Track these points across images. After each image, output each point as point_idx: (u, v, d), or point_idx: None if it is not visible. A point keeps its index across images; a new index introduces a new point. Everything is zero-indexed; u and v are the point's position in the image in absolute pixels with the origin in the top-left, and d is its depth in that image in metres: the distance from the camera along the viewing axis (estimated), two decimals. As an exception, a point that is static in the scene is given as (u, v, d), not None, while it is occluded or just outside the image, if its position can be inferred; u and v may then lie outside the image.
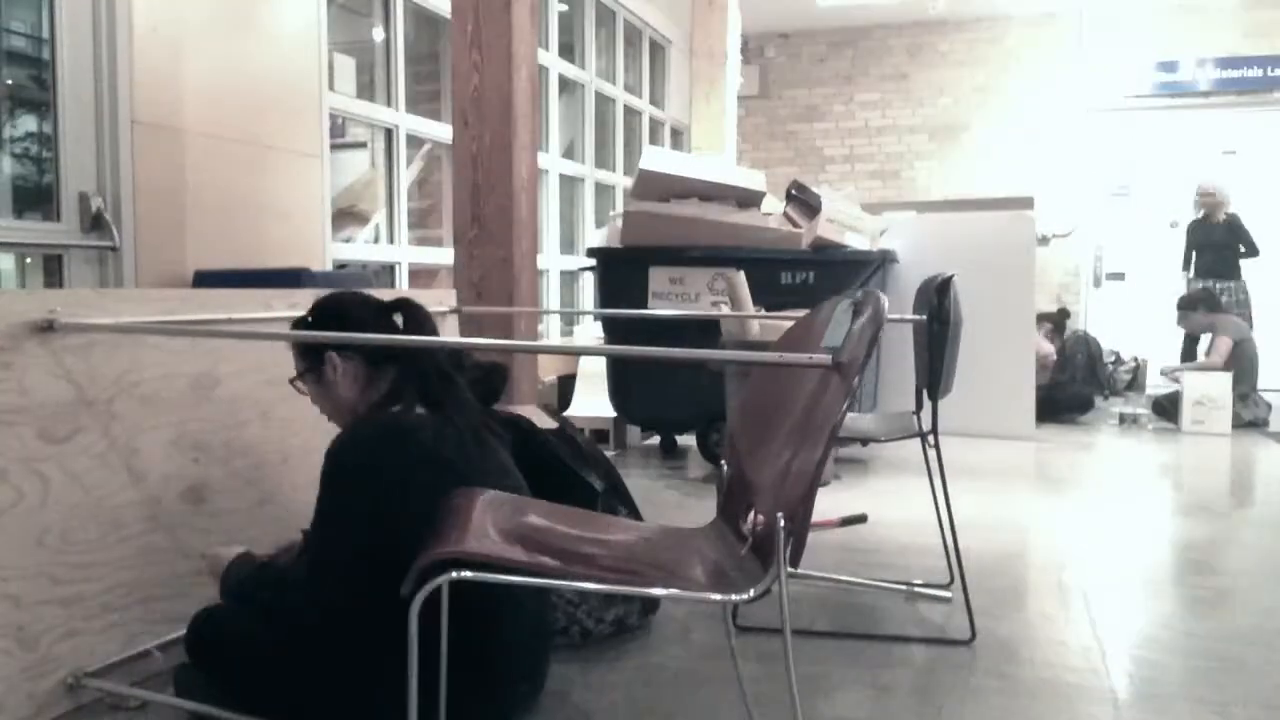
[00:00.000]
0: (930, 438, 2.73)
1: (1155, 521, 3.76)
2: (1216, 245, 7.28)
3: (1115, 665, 2.34)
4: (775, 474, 1.58)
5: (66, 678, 2.01)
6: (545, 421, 2.65)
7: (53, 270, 3.35)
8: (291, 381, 2.06)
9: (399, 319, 2.05)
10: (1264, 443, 5.65)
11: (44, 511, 1.98)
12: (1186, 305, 6.70)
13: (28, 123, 3.59)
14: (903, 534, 3.52)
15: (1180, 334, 7.18)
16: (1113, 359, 7.57)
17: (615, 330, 4.88)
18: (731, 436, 1.98)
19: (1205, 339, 6.75)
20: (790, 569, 1.42)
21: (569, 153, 7.20)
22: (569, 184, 7.26)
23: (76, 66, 3.30)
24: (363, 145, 5.42)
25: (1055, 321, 7.16)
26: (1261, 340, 6.55)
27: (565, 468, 2.51)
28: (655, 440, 5.53)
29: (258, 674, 1.90)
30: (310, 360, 2.02)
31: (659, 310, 4.64)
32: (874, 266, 4.90)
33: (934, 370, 2.70)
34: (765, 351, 3.69)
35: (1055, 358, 6.71)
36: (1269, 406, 6.24)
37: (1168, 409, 6.23)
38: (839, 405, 1.45)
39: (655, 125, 8.68)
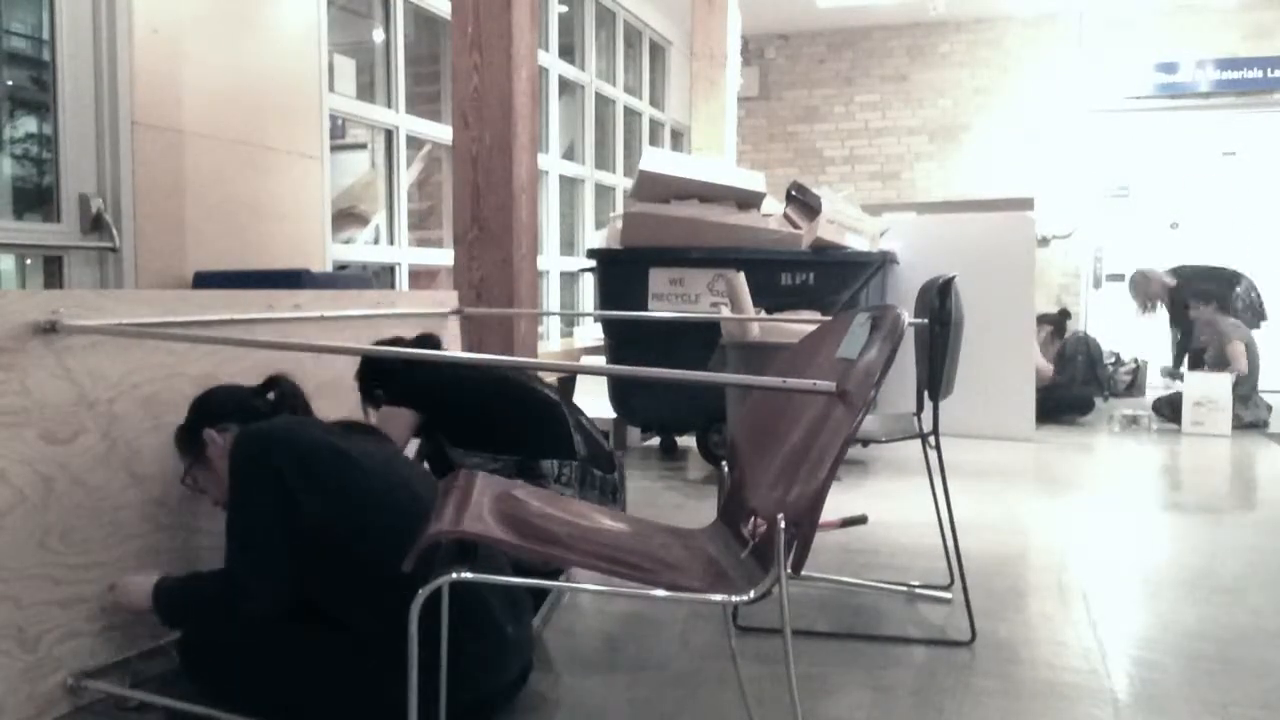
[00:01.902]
0: (931, 439, 2.74)
1: (1155, 522, 3.77)
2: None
3: (1115, 666, 2.34)
4: (779, 490, 1.58)
5: (67, 679, 2.01)
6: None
7: (52, 271, 3.35)
8: (182, 482, 2.13)
9: (270, 396, 2.16)
10: (1264, 444, 5.65)
11: (45, 512, 1.98)
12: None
13: (28, 124, 3.59)
14: (903, 535, 3.53)
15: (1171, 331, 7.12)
16: (1112, 360, 7.57)
17: (616, 332, 4.88)
18: (734, 442, 1.98)
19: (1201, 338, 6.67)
20: (790, 573, 1.42)
21: (569, 154, 7.20)
22: (569, 185, 7.26)
23: (77, 68, 3.30)
24: (363, 146, 5.42)
25: (1055, 323, 7.11)
26: (1263, 341, 6.54)
27: (559, 419, 2.49)
28: (655, 441, 5.54)
29: (253, 677, 1.91)
30: (193, 451, 2.09)
31: (659, 312, 4.64)
32: (874, 268, 4.90)
33: (935, 372, 2.71)
34: (770, 350, 3.68)
35: (1052, 375, 6.63)
36: (1269, 408, 6.24)
37: (1167, 410, 6.23)
38: (844, 431, 1.43)
39: (655, 126, 8.68)
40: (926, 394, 2.77)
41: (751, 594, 1.43)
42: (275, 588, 1.85)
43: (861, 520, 3.67)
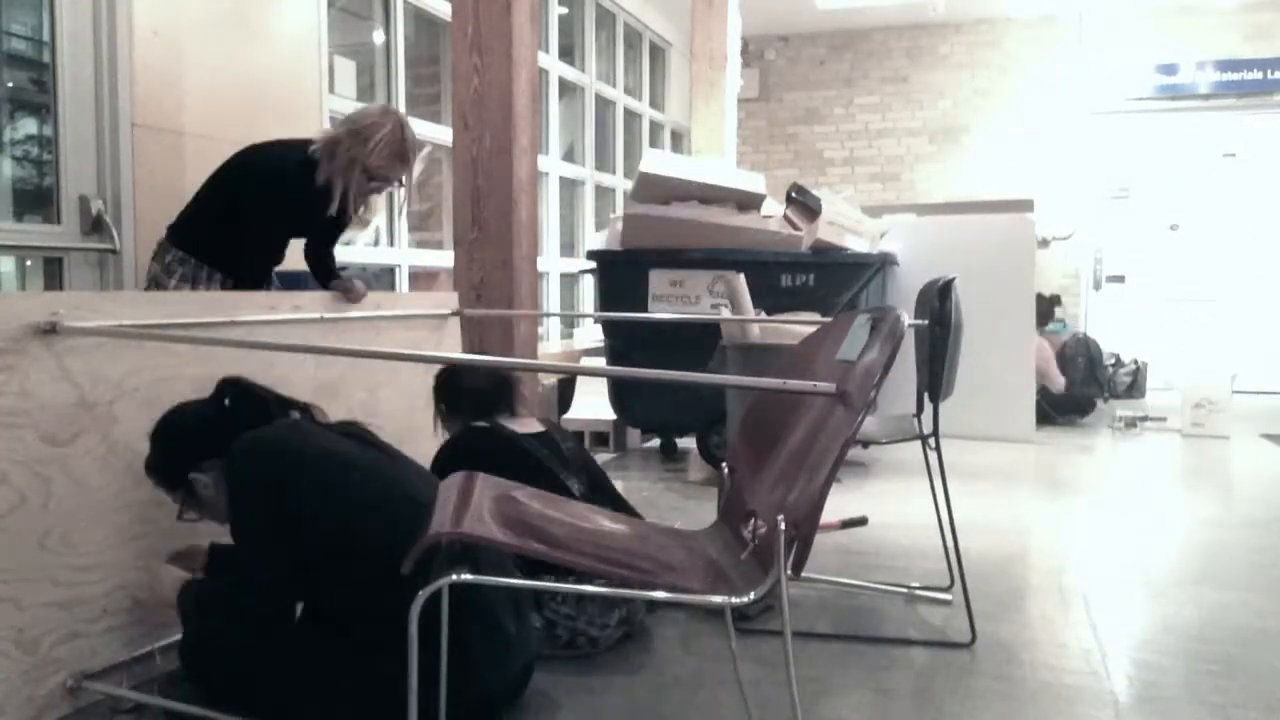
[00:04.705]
0: (931, 440, 2.73)
1: (1155, 524, 3.76)
2: None
3: (1115, 668, 2.34)
4: (779, 491, 1.58)
5: (67, 680, 2.01)
6: (531, 426, 2.62)
7: (53, 273, 3.35)
8: (179, 519, 2.07)
9: (227, 401, 2.08)
10: (1263, 444, 5.65)
11: (45, 514, 1.98)
12: None
13: (28, 125, 3.59)
14: (903, 537, 3.52)
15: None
16: (1113, 361, 7.56)
17: (616, 333, 4.87)
18: (734, 444, 1.98)
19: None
20: (790, 575, 1.42)
21: (569, 155, 7.20)
22: (569, 186, 7.26)
23: (77, 69, 3.30)
24: (363, 148, 5.41)
25: (1042, 310, 6.83)
26: (1263, 342, 6.53)
27: (545, 470, 2.47)
28: (655, 443, 5.53)
29: (253, 678, 1.91)
30: (183, 491, 2.03)
31: (659, 313, 4.63)
32: (874, 269, 4.90)
33: (935, 373, 2.71)
34: (770, 352, 3.67)
35: (1063, 390, 6.51)
36: None
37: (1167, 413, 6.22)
38: (844, 433, 1.44)
39: (655, 128, 8.68)
40: (926, 395, 2.77)
41: (752, 595, 1.43)
42: (280, 590, 1.87)
43: (862, 522, 3.66)
